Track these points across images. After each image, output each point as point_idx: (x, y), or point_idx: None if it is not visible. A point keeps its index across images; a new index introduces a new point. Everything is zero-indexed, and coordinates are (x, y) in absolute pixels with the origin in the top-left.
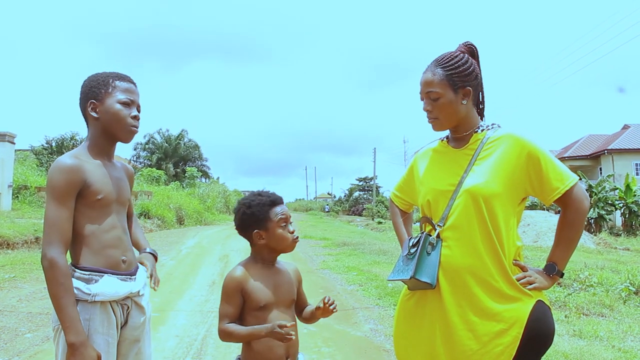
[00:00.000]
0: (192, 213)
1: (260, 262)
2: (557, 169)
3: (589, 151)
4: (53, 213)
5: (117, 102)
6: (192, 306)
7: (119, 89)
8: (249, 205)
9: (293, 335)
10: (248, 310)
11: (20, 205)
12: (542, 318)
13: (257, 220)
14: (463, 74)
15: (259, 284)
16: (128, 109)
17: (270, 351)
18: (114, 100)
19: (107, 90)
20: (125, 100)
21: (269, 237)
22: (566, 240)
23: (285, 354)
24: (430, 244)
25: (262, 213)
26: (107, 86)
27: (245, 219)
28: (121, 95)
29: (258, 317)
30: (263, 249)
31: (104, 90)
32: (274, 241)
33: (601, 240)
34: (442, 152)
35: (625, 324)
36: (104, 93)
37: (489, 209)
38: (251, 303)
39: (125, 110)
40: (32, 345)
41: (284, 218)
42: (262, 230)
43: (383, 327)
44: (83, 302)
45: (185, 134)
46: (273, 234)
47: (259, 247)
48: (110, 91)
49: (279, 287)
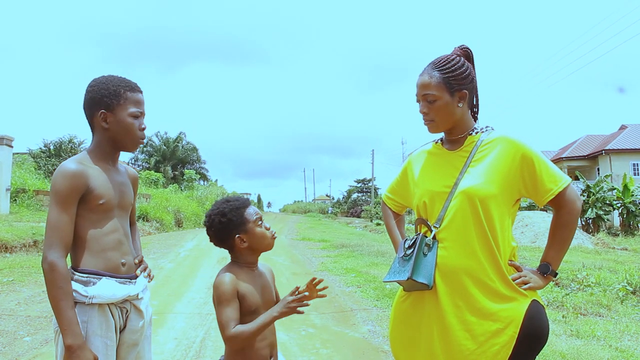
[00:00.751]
0: (191, 215)
1: (245, 266)
2: (550, 170)
3: (587, 151)
4: (55, 217)
5: (129, 115)
6: (191, 309)
7: (130, 100)
8: (223, 213)
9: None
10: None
11: (18, 209)
12: (537, 317)
13: (235, 225)
14: (459, 77)
15: (249, 287)
16: (138, 121)
17: (256, 353)
18: (126, 114)
19: (118, 102)
20: (136, 113)
21: (250, 239)
22: (560, 240)
23: (269, 353)
24: (426, 245)
25: (238, 217)
26: (119, 97)
27: (222, 227)
28: (132, 108)
29: (249, 321)
30: (245, 252)
31: (115, 101)
32: (255, 241)
33: (599, 241)
34: (437, 154)
35: (622, 324)
36: (116, 104)
37: (485, 210)
38: (244, 308)
39: (136, 122)
40: (31, 349)
41: (259, 217)
42: (242, 233)
43: (381, 328)
44: (81, 305)
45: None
46: (254, 235)
47: (241, 251)
48: (122, 103)
49: (264, 289)
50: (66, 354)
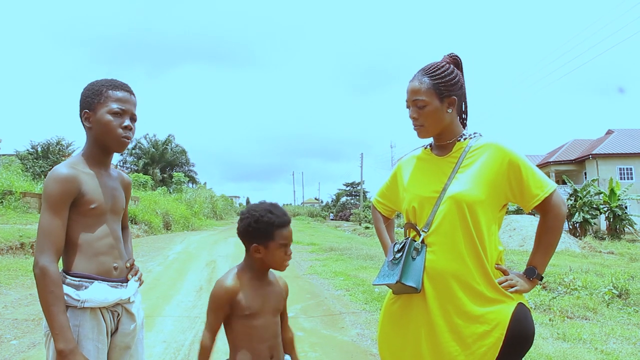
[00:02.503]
0: (179, 218)
1: (256, 271)
2: (536, 176)
3: (574, 156)
4: (47, 222)
5: (108, 113)
6: (180, 312)
7: (111, 98)
8: (257, 220)
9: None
10: (235, 316)
11: (5, 211)
12: (523, 320)
13: (260, 236)
14: (449, 83)
15: (250, 291)
16: (119, 119)
17: (257, 355)
18: (105, 111)
19: (99, 100)
20: (116, 110)
21: (266, 255)
22: (546, 244)
23: (269, 355)
24: (415, 249)
25: (268, 232)
26: (100, 96)
27: (249, 230)
28: (113, 104)
29: (244, 324)
30: (257, 260)
31: (96, 100)
32: (269, 259)
33: (586, 244)
34: (426, 159)
35: (608, 327)
36: (96, 103)
37: (472, 215)
38: (239, 310)
39: (115, 120)
40: (18, 352)
41: (287, 242)
42: (262, 246)
43: (370, 331)
44: (73, 308)
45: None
46: (271, 254)
47: (253, 258)
48: (103, 101)
49: (267, 296)
50: (58, 358)
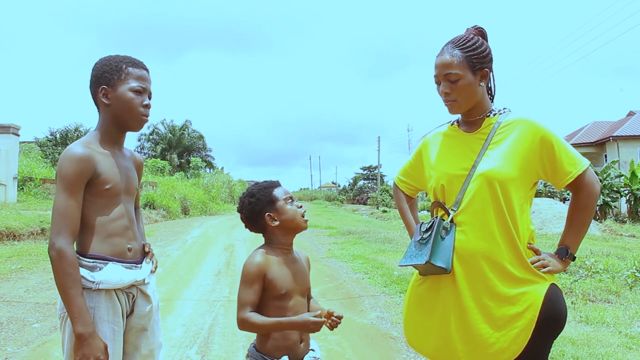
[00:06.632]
0: (197, 203)
1: (278, 248)
2: (569, 153)
3: (594, 138)
4: (63, 203)
5: (130, 90)
6: (199, 295)
7: (132, 75)
8: (252, 194)
9: None
10: (268, 298)
11: (25, 197)
12: (556, 301)
13: (264, 204)
14: (481, 55)
15: (280, 270)
16: (140, 97)
17: (286, 338)
18: (127, 88)
19: (119, 76)
20: (137, 88)
21: (281, 216)
22: (578, 223)
23: (299, 339)
24: (444, 229)
25: (267, 196)
26: (120, 72)
27: (253, 207)
28: (134, 82)
29: (277, 306)
30: (278, 232)
31: (116, 76)
32: (286, 219)
33: (606, 227)
34: (453, 136)
35: (631, 310)
36: (117, 80)
37: (505, 193)
38: (272, 290)
39: (137, 98)
40: (40, 335)
41: (289, 196)
42: (272, 211)
43: (389, 314)
44: (88, 290)
45: (189, 125)
46: (284, 212)
47: (273, 231)
48: (123, 78)
49: (296, 274)
50: (76, 342)
